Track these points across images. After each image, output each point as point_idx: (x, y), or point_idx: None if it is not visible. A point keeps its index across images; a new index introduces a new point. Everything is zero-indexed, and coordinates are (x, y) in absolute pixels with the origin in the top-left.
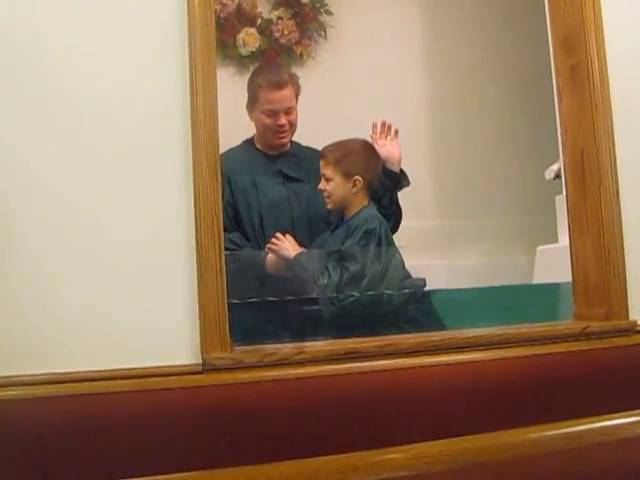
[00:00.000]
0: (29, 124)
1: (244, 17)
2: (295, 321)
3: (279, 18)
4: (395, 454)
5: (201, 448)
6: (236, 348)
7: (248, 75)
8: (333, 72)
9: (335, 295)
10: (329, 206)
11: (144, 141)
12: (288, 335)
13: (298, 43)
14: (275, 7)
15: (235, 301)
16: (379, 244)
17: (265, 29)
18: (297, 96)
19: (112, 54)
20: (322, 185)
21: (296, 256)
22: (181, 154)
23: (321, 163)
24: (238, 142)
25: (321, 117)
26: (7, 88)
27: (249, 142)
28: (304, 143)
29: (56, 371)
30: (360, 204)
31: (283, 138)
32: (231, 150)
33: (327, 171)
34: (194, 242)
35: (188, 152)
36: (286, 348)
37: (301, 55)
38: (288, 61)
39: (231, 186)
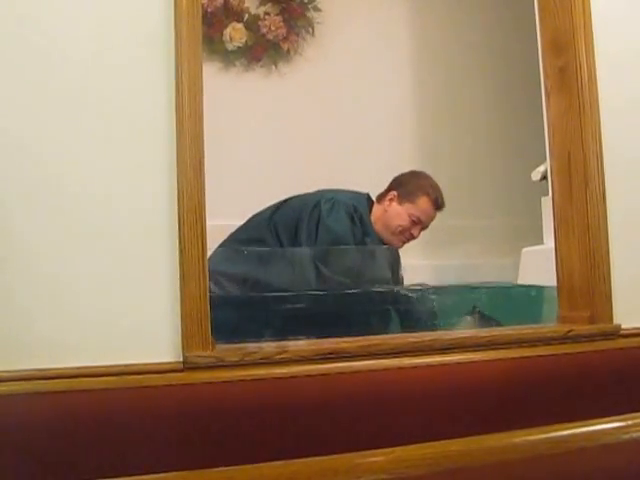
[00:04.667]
0: (16, 119)
1: (231, 12)
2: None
3: (266, 14)
4: (377, 457)
5: (181, 447)
6: (218, 346)
7: (234, 70)
8: (320, 69)
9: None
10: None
11: (127, 135)
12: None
13: (285, 39)
14: (262, 3)
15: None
16: None
17: (252, 24)
18: None
19: (97, 46)
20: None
21: None
22: (165, 149)
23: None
24: (224, 138)
25: (307, 113)
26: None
27: (369, 206)
28: (288, 136)
29: (36, 367)
30: None
31: (402, 244)
32: (358, 202)
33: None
34: (177, 239)
35: (172, 148)
36: (268, 347)
37: (288, 51)
38: (275, 57)
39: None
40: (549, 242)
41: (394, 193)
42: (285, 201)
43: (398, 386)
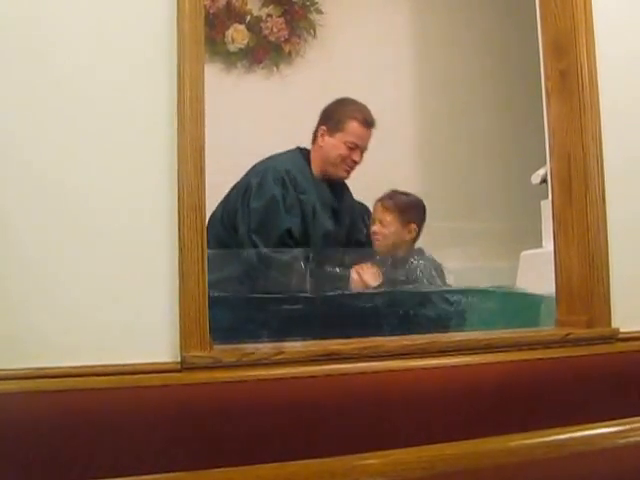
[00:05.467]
0: (17, 118)
1: (233, 13)
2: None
3: (269, 15)
4: (373, 459)
5: (178, 447)
6: (215, 347)
7: (236, 72)
8: (322, 71)
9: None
10: (378, 249)
11: (129, 136)
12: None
13: (287, 41)
14: (265, 4)
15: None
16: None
17: (254, 26)
18: None
19: (99, 47)
20: (377, 228)
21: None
22: (166, 149)
23: (379, 208)
24: (224, 138)
25: (308, 115)
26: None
27: (304, 157)
28: (290, 138)
29: (33, 366)
30: (408, 249)
31: (348, 172)
32: (292, 161)
33: (387, 217)
34: (177, 238)
35: (173, 147)
36: (265, 348)
37: (290, 53)
38: (276, 59)
39: (304, 207)
40: (548, 245)
41: (323, 128)
42: (231, 190)
43: (394, 388)
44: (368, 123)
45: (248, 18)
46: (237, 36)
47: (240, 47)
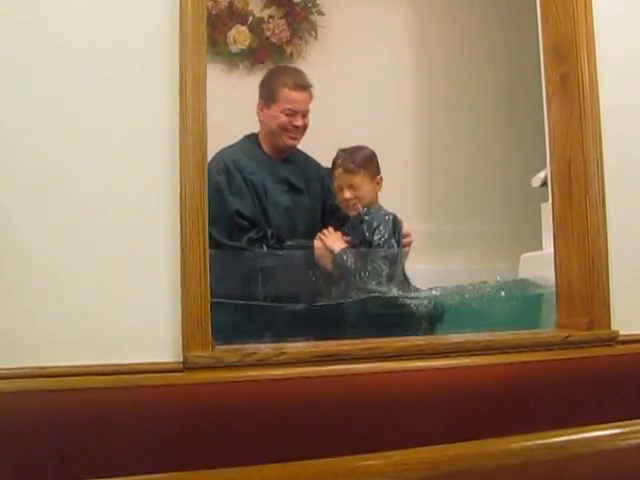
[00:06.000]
0: (18, 119)
1: (235, 14)
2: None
3: (270, 17)
4: (375, 460)
5: (179, 447)
6: (217, 347)
7: (238, 73)
8: (323, 72)
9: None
10: (355, 212)
11: (131, 135)
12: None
13: (289, 42)
14: (267, 5)
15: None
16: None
17: (256, 27)
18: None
19: (102, 46)
20: (350, 194)
21: (340, 251)
22: (168, 149)
23: (341, 174)
24: (225, 138)
25: (309, 116)
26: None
27: (253, 141)
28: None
29: (33, 365)
30: (375, 201)
31: (294, 139)
32: (240, 147)
33: (354, 180)
34: (178, 238)
35: (175, 147)
36: (267, 348)
37: (291, 54)
38: (278, 60)
39: (255, 187)
40: (548, 248)
41: (260, 102)
42: None
43: (396, 389)
44: (300, 86)
45: (250, 19)
46: (239, 37)
47: (242, 48)
